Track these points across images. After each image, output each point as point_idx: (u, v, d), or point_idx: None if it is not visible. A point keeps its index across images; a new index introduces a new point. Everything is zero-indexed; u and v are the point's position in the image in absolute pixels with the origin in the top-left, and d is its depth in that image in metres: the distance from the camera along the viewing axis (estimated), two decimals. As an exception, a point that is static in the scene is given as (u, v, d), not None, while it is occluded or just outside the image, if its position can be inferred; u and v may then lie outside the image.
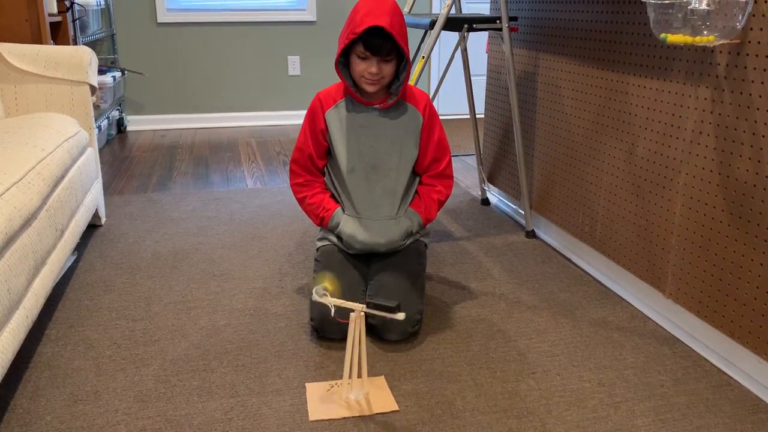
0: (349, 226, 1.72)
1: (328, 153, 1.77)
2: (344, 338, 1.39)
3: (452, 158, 1.81)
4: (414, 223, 1.75)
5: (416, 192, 1.79)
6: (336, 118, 1.72)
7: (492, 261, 2.14)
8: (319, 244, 1.81)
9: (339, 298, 1.39)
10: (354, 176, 1.72)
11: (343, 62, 1.67)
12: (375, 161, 1.71)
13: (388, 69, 1.63)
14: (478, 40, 3.96)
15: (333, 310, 1.38)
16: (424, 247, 1.83)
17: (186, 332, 1.67)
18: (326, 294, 1.37)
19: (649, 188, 1.77)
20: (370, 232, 1.71)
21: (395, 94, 1.68)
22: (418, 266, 1.75)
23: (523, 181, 2.35)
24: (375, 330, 1.62)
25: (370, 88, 1.65)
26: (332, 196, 1.79)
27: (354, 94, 1.69)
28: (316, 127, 1.73)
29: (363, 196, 1.72)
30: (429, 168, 1.77)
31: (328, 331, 1.61)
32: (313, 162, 1.76)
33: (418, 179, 1.80)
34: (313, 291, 1.38)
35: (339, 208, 1.75)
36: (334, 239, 1.77)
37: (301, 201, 1.79)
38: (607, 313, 1.79)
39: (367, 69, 1.61)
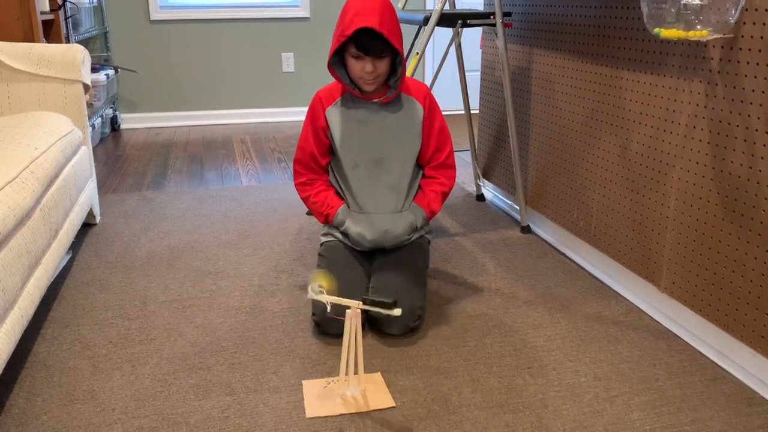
0: (355, 225, 1.72)
1: (331, 151, 1.77)
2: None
3: (449, 151, 1.81)
4: (418, 218, 1.75)
5: (419, 186, 1.79)
6: (337, 115, 1.72)
7: (487, 256, 2.15)
8: (324, 239, 1.81)
9: (337, 296, 1.39)
10: (357, 172, 1.72)
11: (338, 61, 1.67)
12: (378, 156, 1.71)
13: (384, 66, 1.63)
14: (473, 36, 3.96)
15: (329, 308, 1.38)
16: (427, 243, 1.84)
17: (182, 331, 1.67)
18: (322, 291, 1.37)
19: (644, 183, 1.77)
20: (375, 228, 1.71)
21: (394, 88, 1.68)
22: (420, 262, 1.75)
23: (517, 177, 2.36)
24: (376, 323, 1.62)
25: (368, 87, 1.66)
26: (336, 192, 1.79)
27: (352, 91, 1.68)
28: (317, 124, 1.73)
29: (367, 192, 1.72)
30: (431, 159, 1.78)
31: (329, 327, 1.61)
32: (315, 160, 1.76)
33: (421, 173, 1.80)
34: (309, 289, 1.38)
35: (343, 206, 1.75)
36: (339, 235, 1.77)
37: (305, 200, 1.79)
38: (602, 308, 1.80)
39: (363, 68, 1.61)
